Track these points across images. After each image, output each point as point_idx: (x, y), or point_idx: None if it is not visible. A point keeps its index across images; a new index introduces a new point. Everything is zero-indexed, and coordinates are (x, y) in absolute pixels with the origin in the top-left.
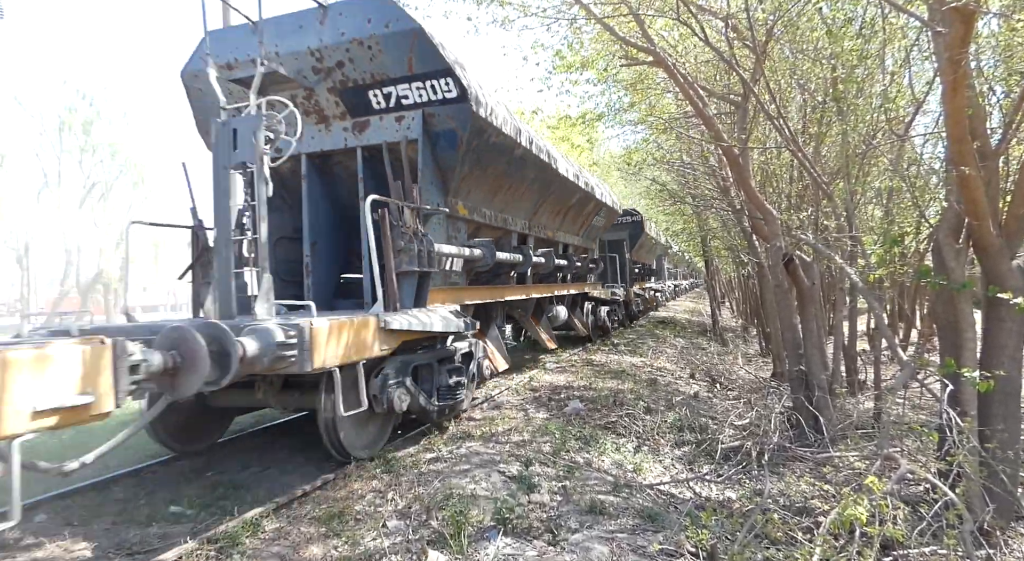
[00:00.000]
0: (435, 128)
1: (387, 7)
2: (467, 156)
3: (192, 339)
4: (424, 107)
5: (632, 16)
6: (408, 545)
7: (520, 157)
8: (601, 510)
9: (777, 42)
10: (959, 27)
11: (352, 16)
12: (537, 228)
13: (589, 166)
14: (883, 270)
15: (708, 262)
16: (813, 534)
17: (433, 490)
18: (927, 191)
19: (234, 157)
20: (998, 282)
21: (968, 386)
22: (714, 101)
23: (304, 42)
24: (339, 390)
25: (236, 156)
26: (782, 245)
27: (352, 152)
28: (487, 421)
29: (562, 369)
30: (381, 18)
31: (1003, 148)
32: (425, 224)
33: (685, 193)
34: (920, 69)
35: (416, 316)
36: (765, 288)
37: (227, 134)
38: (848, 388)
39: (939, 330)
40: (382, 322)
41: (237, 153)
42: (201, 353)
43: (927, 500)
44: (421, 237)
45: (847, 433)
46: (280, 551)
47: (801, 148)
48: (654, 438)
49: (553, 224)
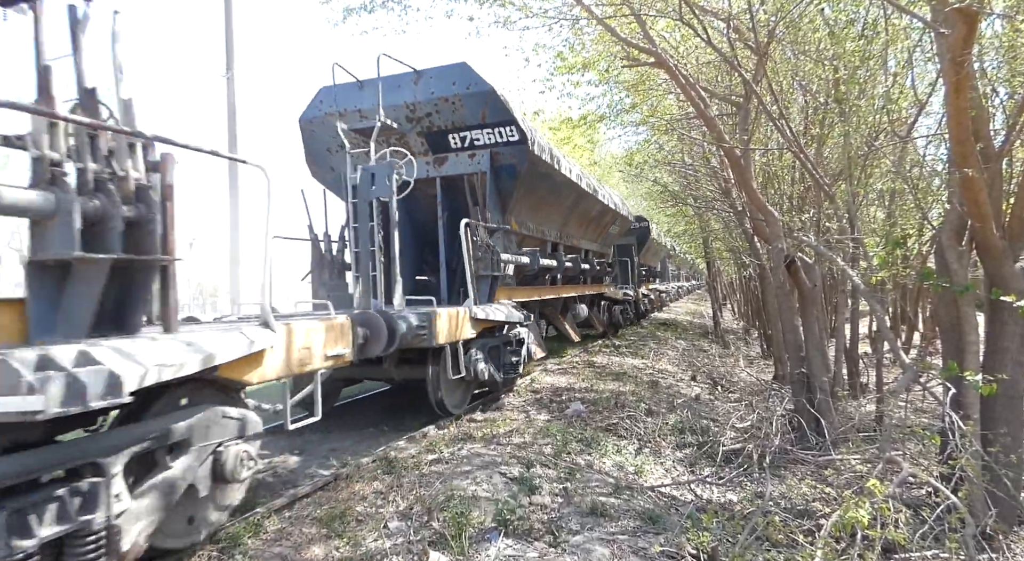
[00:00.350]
0: (499, 163)
1: (469, 73)
2: (522, 184)
3: (377, 320)
4: (491, 148)
5: (634, 17)
6: (409, 546)
7: (558, 181)
8: (602, 512)
9: (779, 43)
10: (962, 28)
11: (440, 79)
12: (566, 237)
13: (589, 166)
14: (885, 272)
15: (710, 264)
16: (814, 537)
17: (434, 491)
18: (930, 193)
19: (372, 192)
20: (1001, 285)
21: (971, 389)
22: (716, 102)
23: (401, 98)
24: (448, 361)
25: (374, 191)
26: (784, 247)
27: (432, 181)
28: (488, 422)
29: (563, 371)
30: (464, 81)
31: (1006, 150)
32: (491, 237)
33: (687, 194)
34: (923, 70)
35: (493, 308)
36: (767, 290)
37: (367, 176)
38: (850, 391)
39: (941, 333)
40: (472, 313)
41: (375, 189)
42: (382, 329)
43: (929, 504)
44: (491, 248)
45: (849, 436)
46: (282, 552)
47: (803, 149)
48: (655, 440)
49: (578, 233)
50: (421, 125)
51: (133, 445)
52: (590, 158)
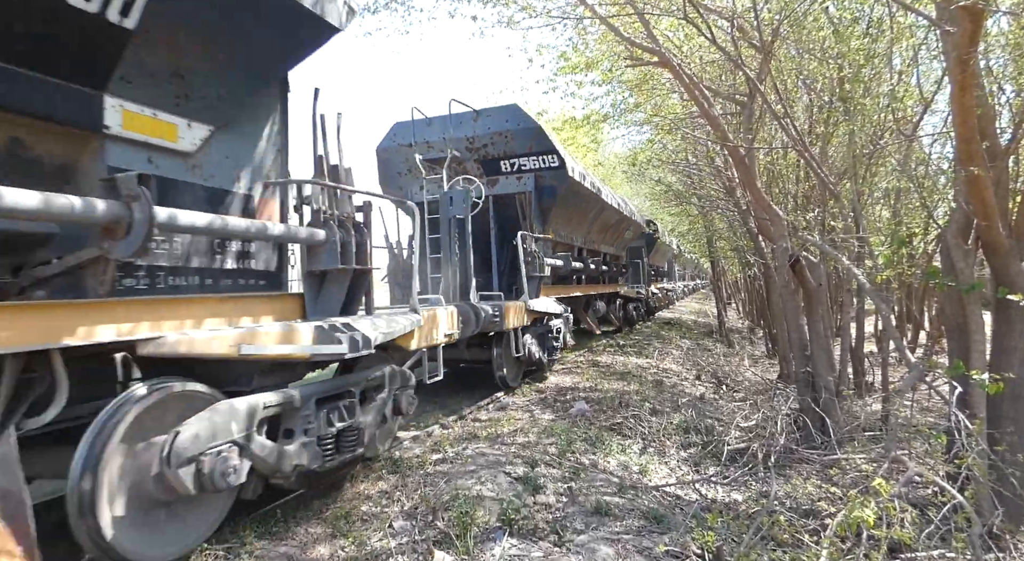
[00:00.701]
0: (542, 184)
1: (520, 113)
2: (559, 201)
3: (467, 310)
4: (536, 172)
5: (637, 16)
6: (414, 545)
7: (586, 197)
8: (607, 511)
9: (783, 42)
10: (968, 26)
11: (496, 117)
12: (589, 243)
13: (593, 167)
14: (891, 271)
15: (714, 263)
16: (820, 536)
17: (439, 491)
18: (935, 191)
19: (451, 211)
20: (1008, 283)
21: (977, 388)
22: (720, 101)
23: (463, 132)
24: (511, 343)
25: (452, 210)
26: (788, 246)
27: (485, 199)
28: (493, 422)
29: (568, 370)
30: (515, 119)
31: (1013, 148)
32: (536, 244)
33: (691, 193)
34: (928, 68)
35: (543, 302)
36: (771, 289)
37: (447, 198)
38: (855, 390)
39: (948, 332)
40: (528, 305)
41: (452, 209)
42: (471, 316)
43: (935, 503)
44: (537, 254)
45: (854, 435)
46: (288, 551)
47: (808, 148)
48: (660, 439)
49: (599, 239)
50: (478, 154)
51: (363, 383)
52: (594, 158)
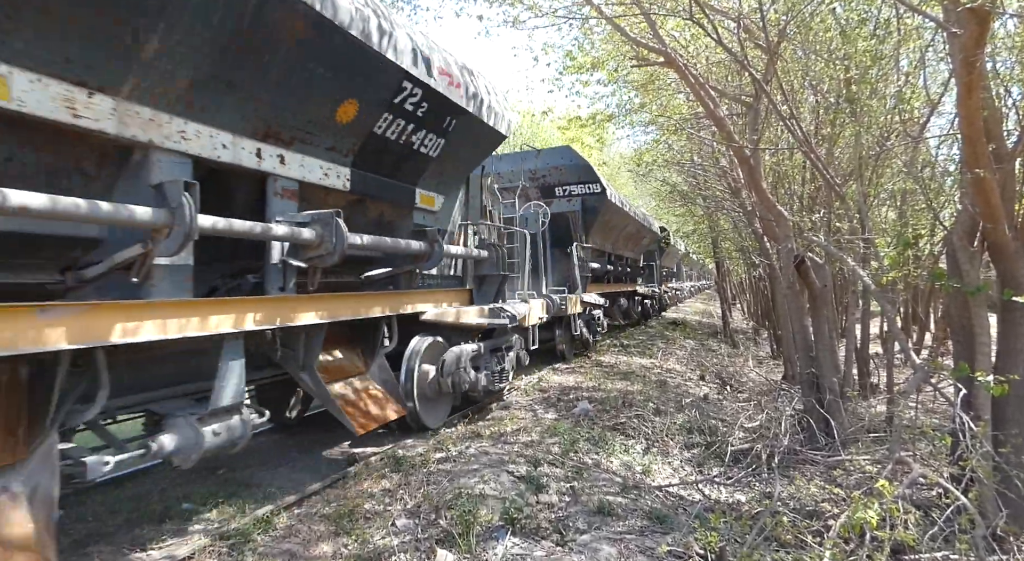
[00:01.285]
0: (587, 205)
1: (572, 153)
2: (599, 218)
3: (550, 299)
4: (582, 196)
5: (643, 16)
6: (417, 544)
7: (618, 213)
8: (609, 511)
9: (790, 42)
10: (974, 28)
11: (553, 155)
12: (616, 249)
13: (599, 166)
14: (896, 273)
15: (719, 264)
16: (823, 538)
17: (442, 489)
18: (941, 193)
19: (532, 227)
20: (1013, 285)
21: (982, 390)
22: (726, 102)
23: (527, 166)
24: (570, 325)
25: (531, 226)
26: (793, 247)
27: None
28: (496, 421)
29: (571, 370)
30: (568, 158)
31: (1019, 150)
32: (582, 251)
33: (696, 194)
34: (935, 70)
35: (590, 295)
36: (776, 290)
37: (523, 219)
38: (860, 391)
39: (953, 334)
40: (582, 297)
41: (530, 224)
42: (552, 304)
43: (939, 505)
44: (584, 259)
45: (858, 436)
46: (291, 548)
47: (814, 149)
48: (663, 440)
49: (622, 246)
50: (538, 182)
51: (506, 343)
52: (599, 157)
